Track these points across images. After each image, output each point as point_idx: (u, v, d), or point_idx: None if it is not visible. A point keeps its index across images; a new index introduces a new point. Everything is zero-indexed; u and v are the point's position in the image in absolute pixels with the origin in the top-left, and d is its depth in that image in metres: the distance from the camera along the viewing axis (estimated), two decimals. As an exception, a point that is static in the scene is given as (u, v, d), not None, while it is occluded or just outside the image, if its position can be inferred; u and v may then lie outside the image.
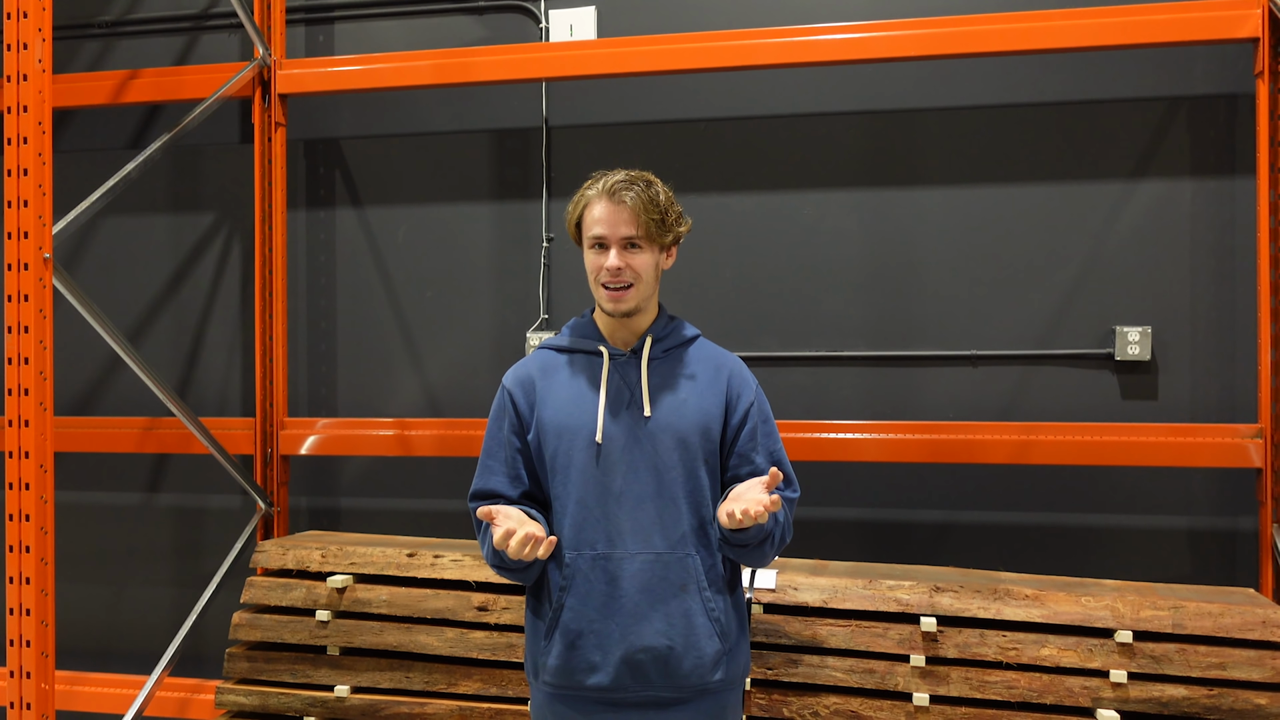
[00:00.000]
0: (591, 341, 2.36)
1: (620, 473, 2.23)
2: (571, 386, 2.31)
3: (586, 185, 2.30)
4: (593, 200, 2.26)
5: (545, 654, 2.25)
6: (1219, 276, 3.67)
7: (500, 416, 2.35)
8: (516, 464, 2.31)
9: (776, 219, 3.96)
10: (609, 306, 2.28)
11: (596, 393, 2.28)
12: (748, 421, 2.32)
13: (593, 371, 2.32)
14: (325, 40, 4.35)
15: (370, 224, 4.29)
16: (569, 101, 4.13)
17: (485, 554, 2.25)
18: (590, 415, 2.26)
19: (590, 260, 2.29)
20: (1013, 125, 3.81)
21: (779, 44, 3.76)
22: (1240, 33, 3.44)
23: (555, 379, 2.33)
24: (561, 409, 2.29)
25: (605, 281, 2.26)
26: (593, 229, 2.25)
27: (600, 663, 2.19)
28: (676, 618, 2.20)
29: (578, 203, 2.30)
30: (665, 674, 2.19)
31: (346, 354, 4.33)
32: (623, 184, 2.24)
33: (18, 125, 2.99)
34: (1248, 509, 3.65)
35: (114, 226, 4.48)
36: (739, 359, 2.46)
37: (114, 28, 4.52)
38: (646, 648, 2.18)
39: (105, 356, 4.45)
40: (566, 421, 2.27)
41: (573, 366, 2.34)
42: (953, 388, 3.85)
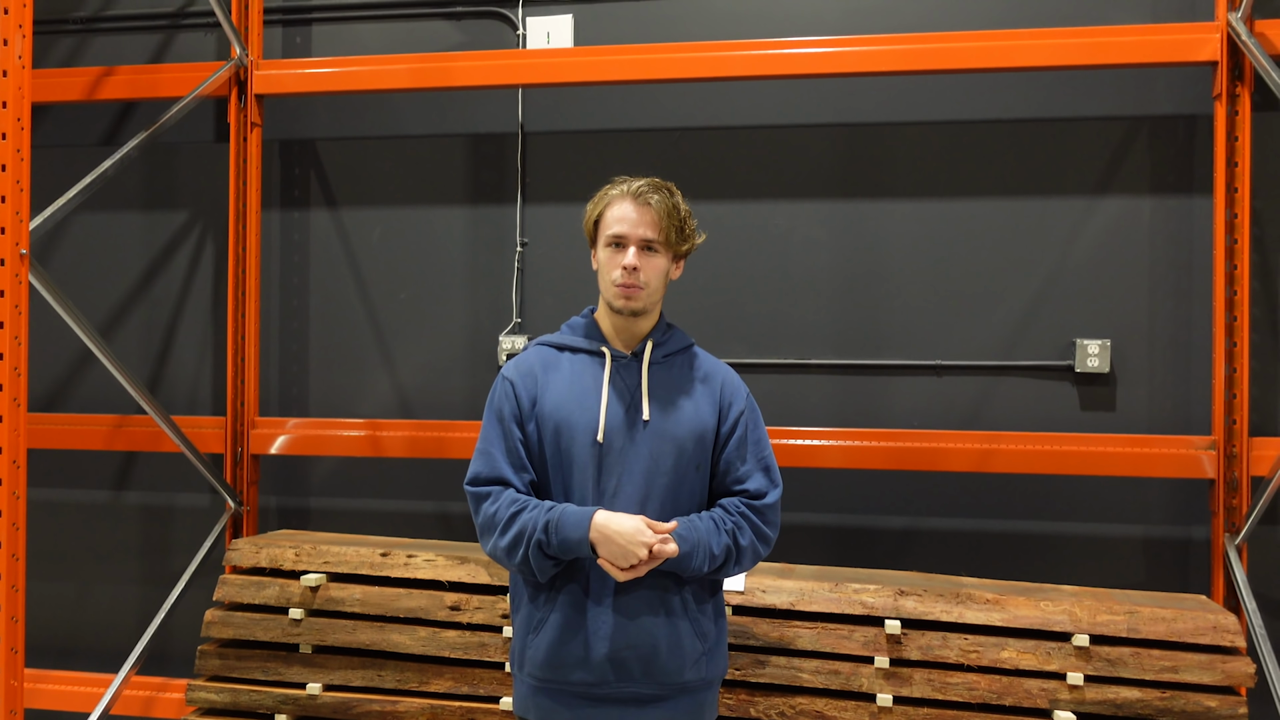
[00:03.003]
0: (594, 342, 2.39)
1: (615, 473, 2.27)
2: (574, 383, 2.34)
3: (609, 186, 2.38)
4: (616, 200, 2.33)
5: (533, 646, 2.29)
6: (1176, 292, 3.78)
7: (500, 405, 2.35)
8: (520, 453, 2.32)
9: (748, 228, 4.03)
10: (619, 304, 2.33)
11: (598, 392, 2.31)
12: (737, 429, 2.39)
13: (594, 371, 2.35)
14: (302, 42, 4.37)
15: (345, 225, 4.32)
16: (545, 108, 4.18)
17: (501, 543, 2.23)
18: (592, 414, 2.29)
19: (605, 258, 2.34)
20: (980, 141, 3.90)
21: (753, 56, 3.83)
22: (1200, 56, 3.55)
23: (557, 374, 2.36)
24: (563, 405, 2.31)
25: (619, 280, 2.31)
26: (613, 227, 2.31)
27: (586, 657, 2.24)
28: (661, 617, 2.26)
29: (599, 201, 2.37)
30: (648, 671, 2.25)
31: (318, 354, 4.35)
32: (648, 188, 2.32)
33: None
34: (1201, 518, 3.75)
35: (86, 222, 4.47)
36: (730, 368, 2.51)
37: (89, 24, 4.51)
38: (632, 645, 2.24)
39: (73, 353, 4.44)
40: (568, 418, 2.30)
41: (574, 364, 2.37)
42: (918, 397, 3.93)
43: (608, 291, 2.35)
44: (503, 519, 2.24)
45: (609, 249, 2.33)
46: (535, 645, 2.29)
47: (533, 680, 2.31)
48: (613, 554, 2.18)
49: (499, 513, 2.25)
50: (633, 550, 2.15)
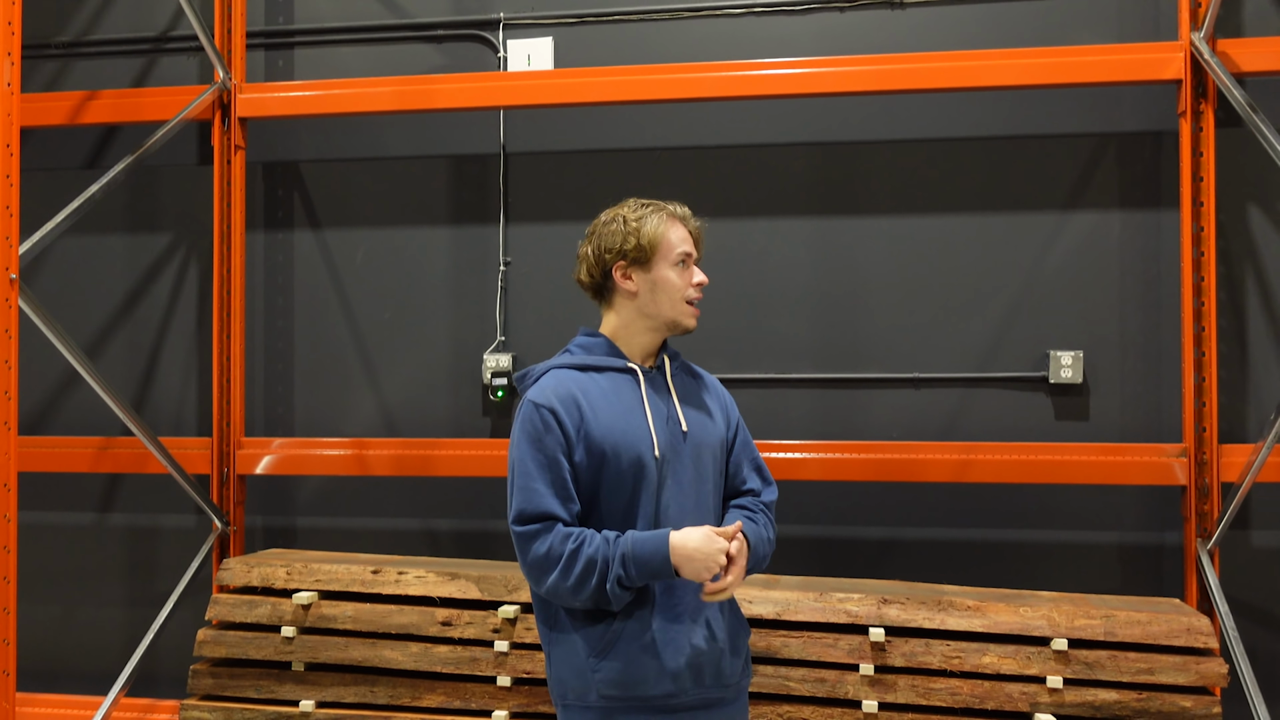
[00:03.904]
0: (620, 359, 2.36)
1: (668, 487, 2.28)
2: (615, 404, 2.29)
3: (652, 209, 2.35)
4: (675, 222, 2.35)
5: (604, 669, 2.23)
6: (1146, 304, 3.87)
7: (541, 436, 2.22)
8: (567, 485, 2.22)
9: (727, 245, 4.10)
10: (691, 323, 2.37)
11: (641, 409, 2.31)
12: (739, 433, 2.47)
13: (629, 388, 2.33)
14: (285, 65, 4.42)
15: (329, 246, 4.36)
16: (527, 129, 4.24)
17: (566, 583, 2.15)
18: (642, 432, 2.28)
19: (674, 276, 2.33)
20: (954, 158, 3.99)
21: (730, 77, 3.91)
22: (1165, 74, 3.66)
23: (594, 397, 2.29)
24: (614, 427, 2.26)
25: (692, 297, 2.36)
26: (680, 247, 2.34)
27: (665, 669, 2.23)
28: (721, 620, 2.30)
29: (658, 224, 2.33)
30: (718, 674, 2.28)
31: (304, 374, 4.38)
32: (690, 213, 2.41)
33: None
34: (1174, 524, 3.84)
35: (70, 245, 4.49)
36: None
37: (71, 48, 4.54)
38: (703, 650, 2.25)
39: (58, 376, 4.45)
40: (621, 439, 2.25)
41: (607, 384, 2.32)
42: (896, 409, 4.00)
43: (675, 309, 2.35)
44: (561, 557, 2.16)
45: (676, 268, 2.34)
46: (607, 667, 2.23)
47: (606, 702, 2.24)
48: (696, 571, 2.15)
49: (553, 550, 2.17)
50: (715, 560, 2.15)
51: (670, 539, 2.16)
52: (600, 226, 2.36)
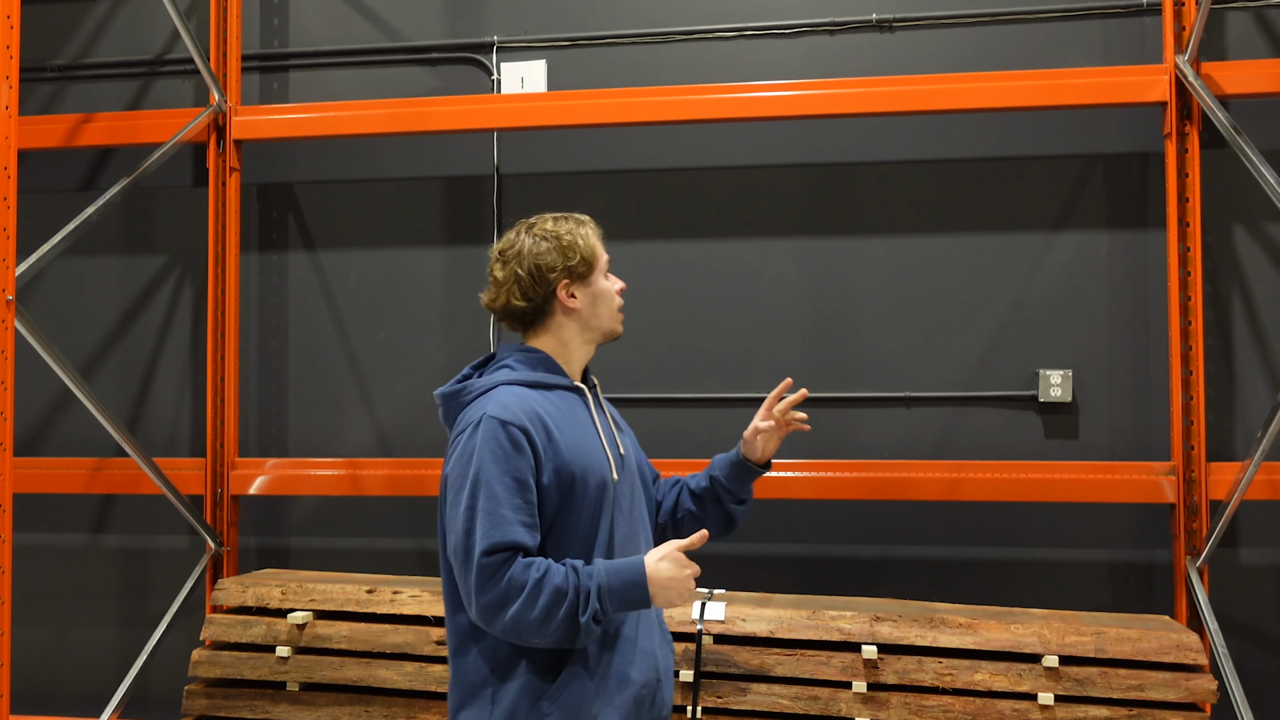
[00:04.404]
0: (564, 377, 2.27)
1: (623, 510, 2.23)
2: (574, 424, 2.20)
3: (579, 223, 2.28)
4: (596, 231, 2.32)
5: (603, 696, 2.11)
6: (1134, 323, 3.91)
7: (509, 457, 2.05)
8: (533, 511, 2.07)
9: (720, 265, 4.13)
10: (620, 329, 2.34)
11: (594, 430, 2.24)
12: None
13: (577, 407, 2.25)
14: (280, 87, 4.45)
15: (323, 267, 4.39)
16: (520, 150, 4.27)
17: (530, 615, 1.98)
18: (601, 454, 2.20)
19: (608, 286, 2.30)
20: (943, 179, 4.03)
21: (722, 100, 3.95)
22: (1150, 97, 3.71)
23: (555, 417, 2.17)
24: (580, 448, 2.16)
25: (619, 305, 2.34)
26: (605, 255, 2.32)
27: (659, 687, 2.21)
28: (662, 650, 2.27)
29: (589, 235, 2.27)
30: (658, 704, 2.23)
31: (298, 395, 4.40)
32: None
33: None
34: (1164, 542, 3.87)
35: (66, 266, 4.51)
36: None
37: (67, 71, 4.57)
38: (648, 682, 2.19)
39: (52, 396, 4.46)
40: (588, 461, 2.16)
41: (558, 403, 2.21)
42: (887, 428, 4.03)
43: (613, 318, 2.31)
44: (524, 587, 1.99)
45: (608, 277, 2.32)
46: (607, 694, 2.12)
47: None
48: (669, 599, 2.08)
49: (514, 580, 1.99)
50: (687, 586, 2.08)
51: (646, 568, 2.06)
52: (525, 247, 2.22)
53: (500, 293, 2.24)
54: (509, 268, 2.22)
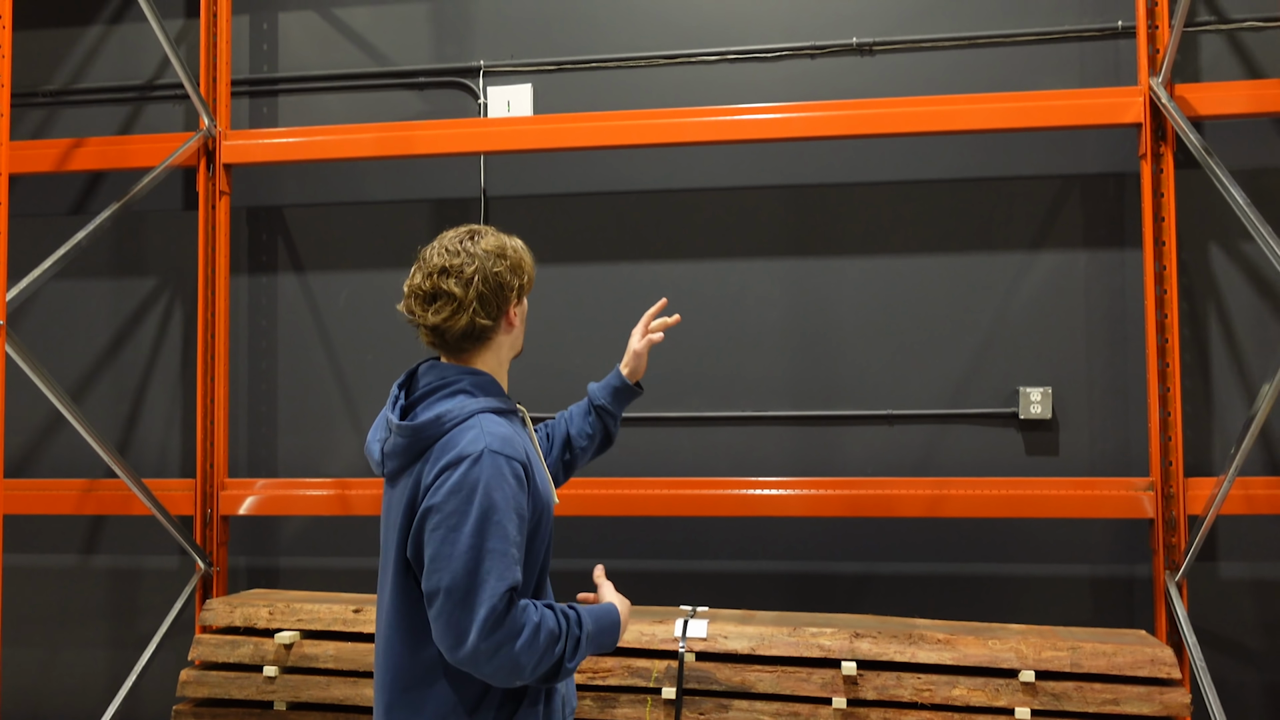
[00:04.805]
0: (512, 401, 2.21)
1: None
2: (533, 452, 2.17)
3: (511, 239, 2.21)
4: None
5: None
6: (1112, 340, 3.96)
7: (515, 495, 2.00)
8: (522, 548, 2.02)
9: (704, 286, 4.18)
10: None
11: (540, 458, 2.22)
12: None
13: (524, 432, 2.20)
14: (269, 112, 4.51)
15: (312, 289, 4.43)
16: (507, 173, 4.33)
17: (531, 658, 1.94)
18: (547, 480, 2.19)
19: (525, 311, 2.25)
20: (923, 200, 4.08)
21: (706, 123, 4.01)
22: (1125, 118, 3.77)
23: (529, 446, 2.16)
24: (543, 478, 2.15)
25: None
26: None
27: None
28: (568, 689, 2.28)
29: (527, 252, 2.23)
30: None
31: (287, 416, 4.44)
32: None
33: (-24, 197, 3.10)
34: (1144, 556, 3.91)
35: (56, 289, 4.55)
36: None
37: (59, 96, 4.62)
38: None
39: (42, 418, 4.50)
40: (548, 490, 2.15)
41: (518, 430, 2.16)
42: (870, 445, 4.07)
43: (522, 341, 2.28)
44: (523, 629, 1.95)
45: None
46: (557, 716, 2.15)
47: None
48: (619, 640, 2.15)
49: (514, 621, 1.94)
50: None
51: (619, 613, 2.14)
52: (484, 265, 2.11)
53: (463, 312, 2.09)
54: (472, 285, 2.09)
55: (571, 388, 4.17)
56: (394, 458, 2.07)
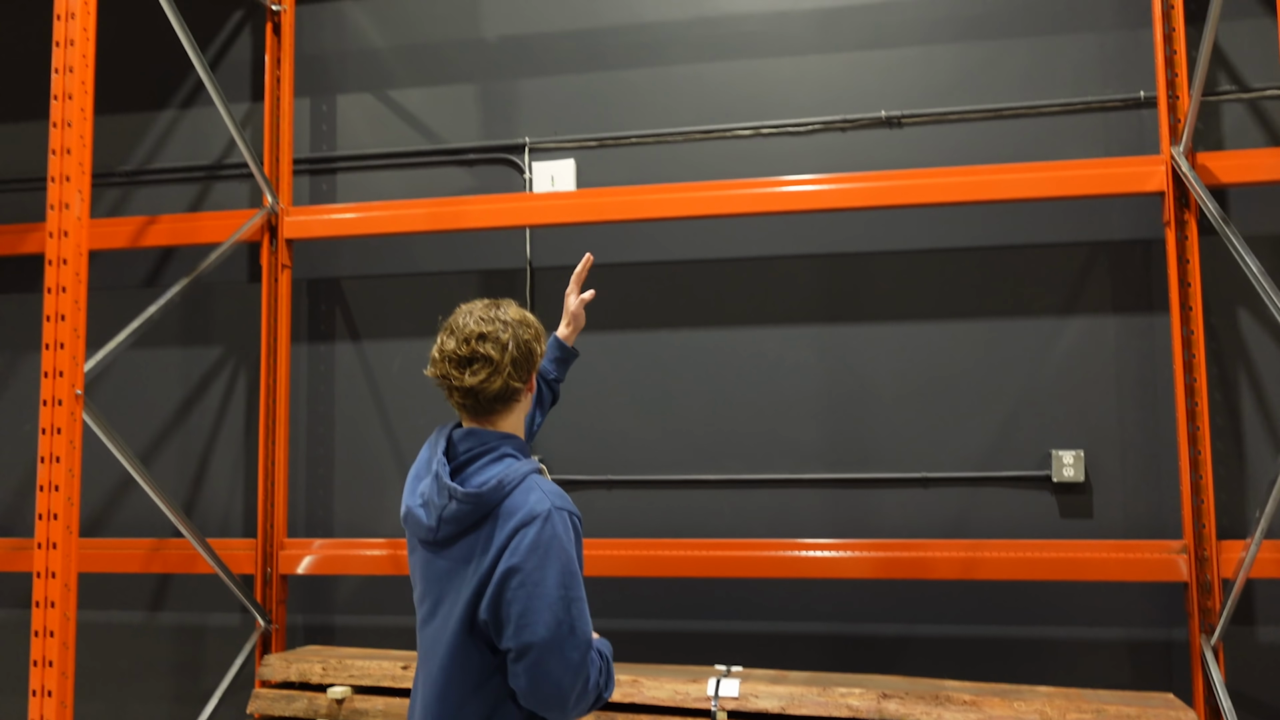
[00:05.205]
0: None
1: None
2: None
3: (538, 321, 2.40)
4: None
5: None
6: (1143, 403, 4.01)
7: (579, 547, 2.21)
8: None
9: (741, 352, 4.31)
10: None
11: None
12: None
13: None
14: (328, 188, 4.75)
15: (367, 357, 4.64)
16: (551, 244, 4.51)
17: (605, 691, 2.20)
18: None
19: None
20: (953, 267, 4.19)
21: (742, 195, 4.16)
22: (1148, 187, 3.85)
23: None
24: None
25: None
26: None
27: None
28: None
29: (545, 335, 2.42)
30: None
31: (343, 478, 4.63)
32: None
33: (57, 276, 3.34)
34: (1181, 620, 3.92)
35: (127, 357, 4.81)
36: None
37: (133, 177, 4.91)
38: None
39: (113, 480, 4.74)
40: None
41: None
42: (905, 507, 4.15)
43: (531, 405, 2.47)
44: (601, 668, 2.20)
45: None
46: None
47: None
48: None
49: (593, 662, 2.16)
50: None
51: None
52: (516, 333, 2.28)
53: (497, 375, 2.24)
54: (507, 351, 2.24)
55: (615, 450, 4.31)
56: (453, 524, 2.19)
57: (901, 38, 4.26)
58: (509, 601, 2.09)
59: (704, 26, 4.43)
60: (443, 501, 2.20)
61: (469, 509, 2.17)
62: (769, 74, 4.37)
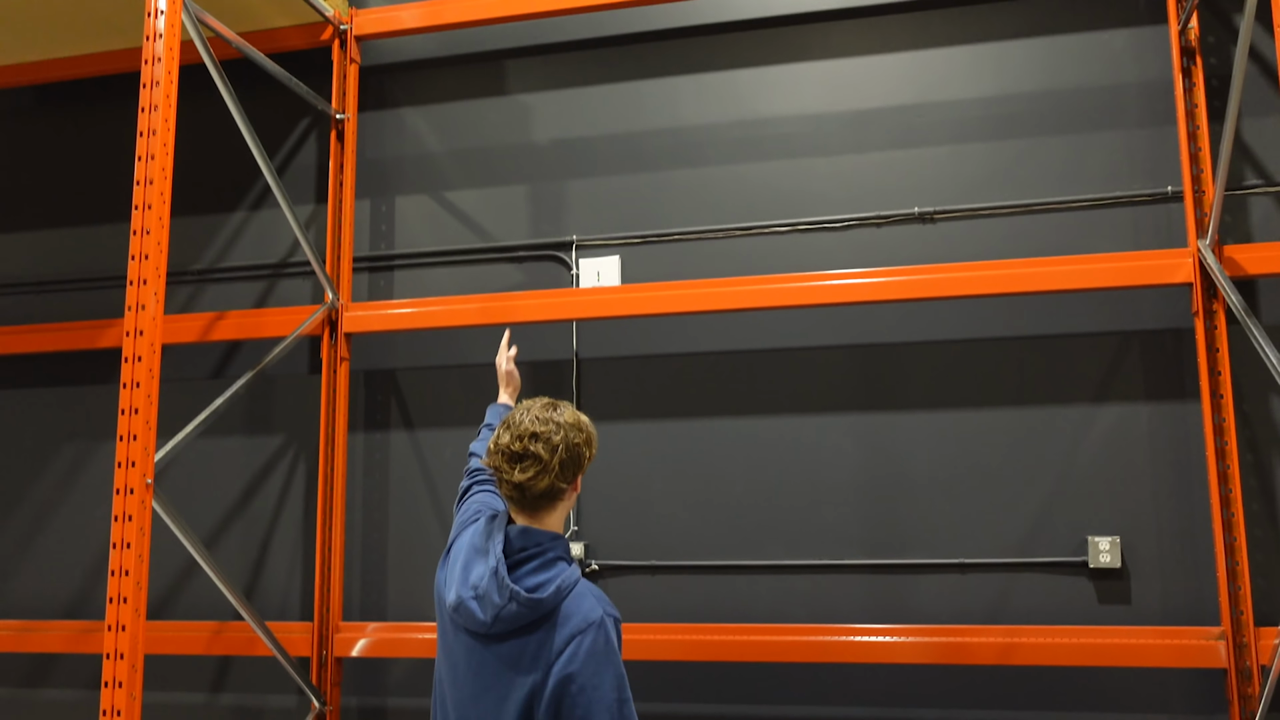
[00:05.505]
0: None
1: None
2: None
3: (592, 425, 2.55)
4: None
5: None
6: (1178, 490, 4.06)
7: (621, 646, 2.38)
8: None
9: (781, 439, 4.44)
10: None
11: None
12: None
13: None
14: (386, 285, 4.98)
15: (421, 445, 4.82)
16: (597, 336, 4.69)
17: None
18: None
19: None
20: (986, 356, 4.29)
21: (780, 289, 4.32)
22: (1176, 278, 3.96)
23: None
24: None
25: None
26: None
27: None
28: None
29: (596, 439, 2.55)
30: None
31: (396, 562, 4.78)
32: None
33: (132, 372, 3.57)
34: (1221, 708, 3.93)
35: (194, 445, 5.04)
36: None
37: (204, 274, 5.19)
38: None
39: (178, 563, 4.93)
40: None
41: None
42: (943, 593, 4.21)
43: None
44: None
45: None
46: None
47: None
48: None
49: None
50: None
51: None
52: (568, 435, 2.42)
53: (545, 474, 2.36)
54: (557, 452, 2.37)
55: (658, 536, 4.43)
56: (508, 623, 2.30)
57: (932, 137, 4.43)
58: (569, 707, 2.21)
59: (742, 128, 4.64)
60: (502, 601, 2.30)
61: (527, 612, 2.29)
62: (805, 173, 4.56)
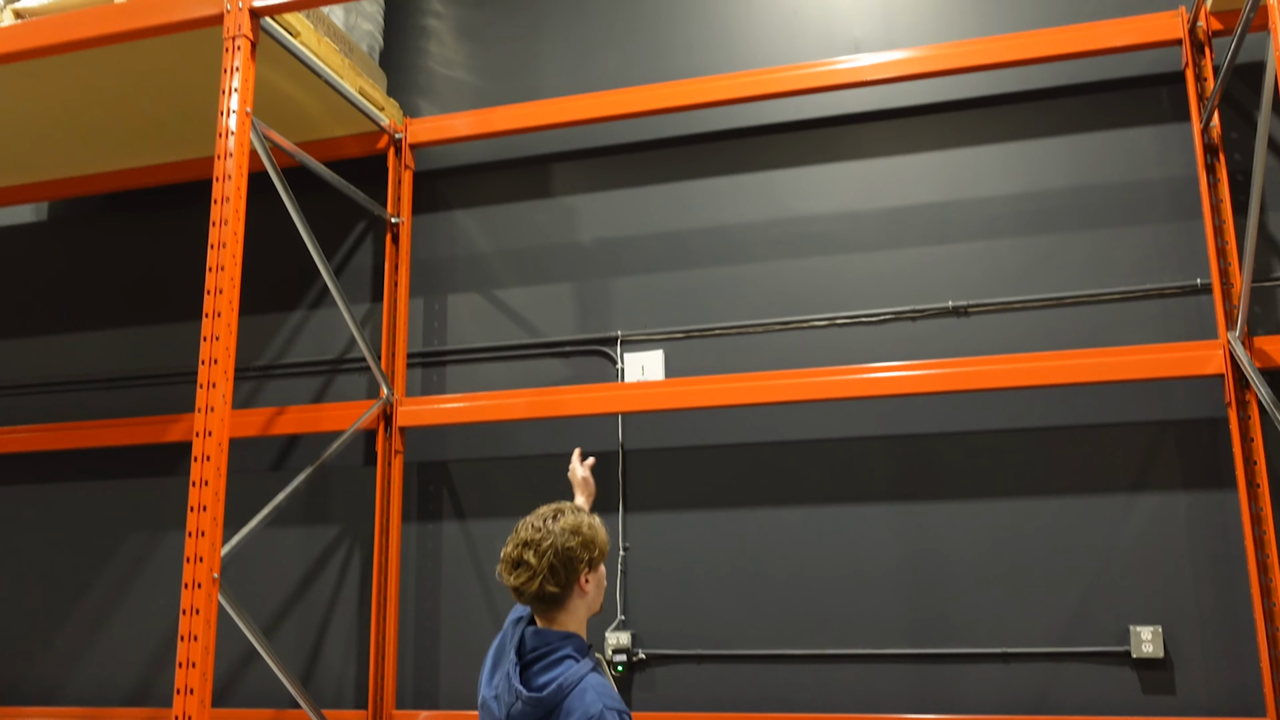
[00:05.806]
0: (594, 652, 2.70)
1: None
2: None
3: (591, 516, 2.71)
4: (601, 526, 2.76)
5: None
6: (1219, 579, 4.09)
7: None
8: None
9: (822, 530, 4.52)
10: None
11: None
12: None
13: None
14: (438, 379, 5.18)
15: (472, 535, 4.96)
16: (642, 428, 4.83)
17: None
18: None
19: (604, 571, 2.73)
20: (1022, 446, 4.37)
21: (818, 382, 4.45)
22: (1207, 370, 4.03)
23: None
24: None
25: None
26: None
27: None
28: None
29: (601, 529, 2.70)
30: None
31: (448, 651, 4.90)
32: None
33: (201, 471, 3.76)
34: (1271, 799, 3.91)
35: (254, 536, 5.22)
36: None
37: (265, 371, 5.42)
38: None
39: (238, 651, 5.09)
40: None
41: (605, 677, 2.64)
42: (986, 683, 4.24)
43: (602, 599, 2.74)
44: None
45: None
46: None
47: None
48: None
49: None
50: None
51: None
52: (558, 540, 2.57)
53: (534, 579, 2.54)
54: (544, 558, 2.55)
55: (703, 625, 4.52)
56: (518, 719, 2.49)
57: (964, 233, 4.57)
58: None
59: (780, 227, 4.81)
60: (510, 699, 2.50)
61: (531, 710, 2.46)
62: (842, 269, 4.71)
